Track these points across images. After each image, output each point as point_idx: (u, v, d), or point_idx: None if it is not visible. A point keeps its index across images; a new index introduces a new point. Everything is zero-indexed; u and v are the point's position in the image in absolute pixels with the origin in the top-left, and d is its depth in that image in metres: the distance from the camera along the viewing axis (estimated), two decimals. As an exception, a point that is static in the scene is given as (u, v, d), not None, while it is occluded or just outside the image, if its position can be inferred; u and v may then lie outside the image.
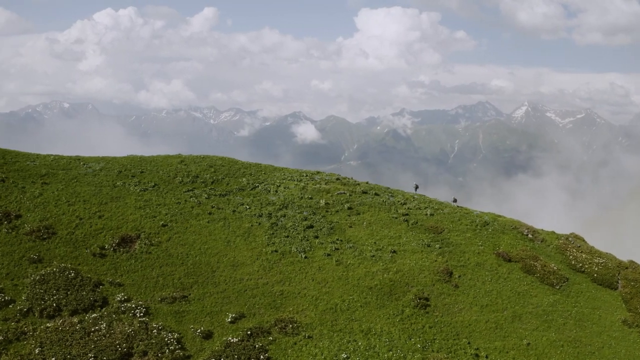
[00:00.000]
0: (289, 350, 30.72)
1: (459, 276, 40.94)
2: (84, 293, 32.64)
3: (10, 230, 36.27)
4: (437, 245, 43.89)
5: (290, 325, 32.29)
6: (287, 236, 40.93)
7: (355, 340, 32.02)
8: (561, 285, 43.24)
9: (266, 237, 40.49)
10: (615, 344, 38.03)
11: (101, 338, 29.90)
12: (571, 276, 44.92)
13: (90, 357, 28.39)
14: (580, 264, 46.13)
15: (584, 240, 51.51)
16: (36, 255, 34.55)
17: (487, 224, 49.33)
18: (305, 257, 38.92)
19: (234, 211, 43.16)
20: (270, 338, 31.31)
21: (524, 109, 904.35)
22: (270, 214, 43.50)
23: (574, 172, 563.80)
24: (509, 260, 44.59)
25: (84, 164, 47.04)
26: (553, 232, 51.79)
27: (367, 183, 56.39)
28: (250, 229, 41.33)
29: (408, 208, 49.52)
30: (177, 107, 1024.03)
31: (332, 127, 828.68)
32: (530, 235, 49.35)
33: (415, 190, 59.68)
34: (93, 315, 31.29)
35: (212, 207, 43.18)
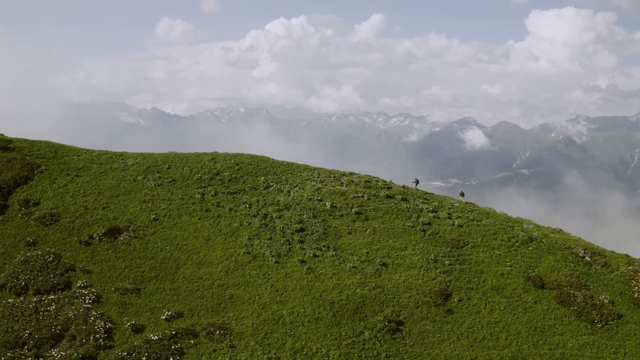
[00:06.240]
0: (204, 357, 28.89)
1: (459, 300, 34.42)
2: (52, 276, 34.93)
3: (23, 216, 40.58)
4: (447, 262, 37.54)
5: (219, 332, 30.38)
6: (270, 238, 38.79)
7: (279, 358, 28.80)
8: (606, 323, 33.68)
9: (247, 238, 38.90)
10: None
11: (46, 318, 31.65)
12: (628, 313, 34.77)
13: (26, 333, 30.25)
14: (646, 300, 35.44)
15: (666, 271, 39.41)
16: (32, 239, 38.06)
17: (532, 241, 40.79)
18: (276, 262, 36.39)
19: (231, 209, 42.36)
20: (192, 342, 29.82)
21: None
22: (267, 214, 41.71)
23: None
24: (541, 287, 36.20)
25: (122, 160, 50.63)
26: (626, 255, 40.75)
27: (403, 187, 50.88)
28: (238, 228, 40.11)
29: (435, 217, 43.37)
30: (346, 112, 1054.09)
31: (504, 133, 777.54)
32: (587, 257, 39.49)
33: (416, 185, 52.41)
34: (51, 296, 33.33)
35: (212, 205, 42.96)
